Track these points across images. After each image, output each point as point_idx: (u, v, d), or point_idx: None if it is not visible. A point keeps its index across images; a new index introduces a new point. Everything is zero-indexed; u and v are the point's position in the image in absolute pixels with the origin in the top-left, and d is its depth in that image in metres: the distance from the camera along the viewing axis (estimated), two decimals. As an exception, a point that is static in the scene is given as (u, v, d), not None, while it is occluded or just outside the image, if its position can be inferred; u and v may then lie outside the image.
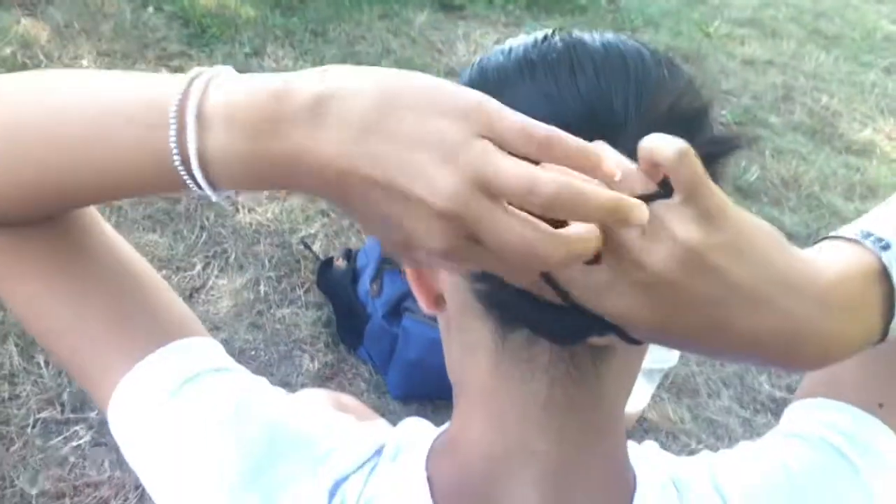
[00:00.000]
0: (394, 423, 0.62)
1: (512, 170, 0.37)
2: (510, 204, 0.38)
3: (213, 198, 0.43)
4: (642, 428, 2.22)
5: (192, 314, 0.61)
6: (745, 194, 3.32)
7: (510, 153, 0.38)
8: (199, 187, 0.42)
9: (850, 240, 0.48)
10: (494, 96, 0.39)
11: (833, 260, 0.46)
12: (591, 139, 0.40)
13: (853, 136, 3.95)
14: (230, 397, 0.56)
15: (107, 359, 0.56)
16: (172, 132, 0.41)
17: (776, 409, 2.37)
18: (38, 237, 0.54)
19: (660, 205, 0.40)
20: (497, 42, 3.87)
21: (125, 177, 0.45)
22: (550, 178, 0.37)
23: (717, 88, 4.05)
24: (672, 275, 0.40)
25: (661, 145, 0.40)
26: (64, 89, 0.47)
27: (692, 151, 0.40)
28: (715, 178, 0.42)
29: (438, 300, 0.53)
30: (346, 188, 0.39)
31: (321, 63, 2.84)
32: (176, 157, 0.42)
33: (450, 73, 3.58)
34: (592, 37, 0.48)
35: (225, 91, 0.41)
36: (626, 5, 4.67)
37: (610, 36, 0.49)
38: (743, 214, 0.42)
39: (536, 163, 0.38)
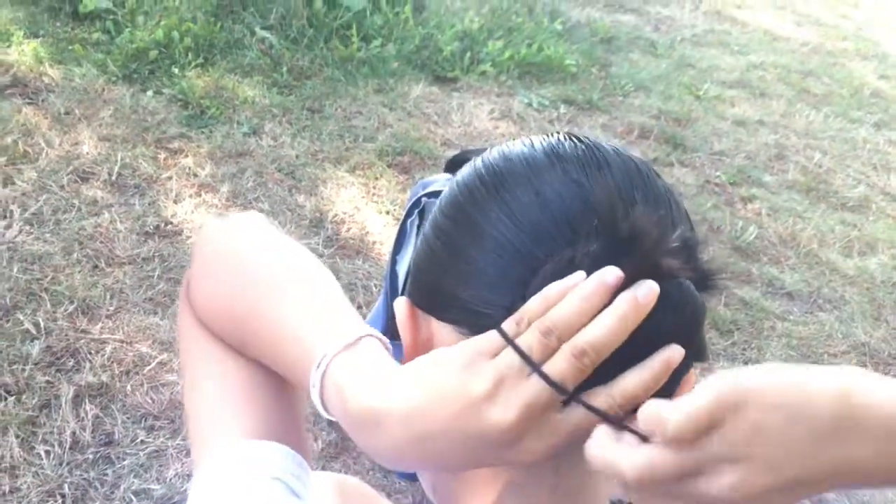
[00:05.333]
0: (400, 501, 0.64)
1: None
2: None
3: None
4: None
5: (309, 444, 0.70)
6: (744, 255, 3.33)
7: None
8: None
9: None
10: (522, 182, 0.51)
11: None
12: (614, 228, 0.48)
13: (848, 193, 3.98)
14: None
15: (233, 424, 0.64)
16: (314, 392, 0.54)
17: None
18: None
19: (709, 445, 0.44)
20: (491, 112, 3.95)
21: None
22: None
23: (710, 149, 4.10)
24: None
25: (670, 417, 0.44)
26: (267, 310, 0.60)
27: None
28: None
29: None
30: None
31: (318, 139, 2.84)
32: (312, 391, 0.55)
33: (445, 144, 3.63)
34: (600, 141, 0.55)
35: (337, 387, 0.53)
36: (616, 72, 4.75)
37: (614, 143, 0.55)
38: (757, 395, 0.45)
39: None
